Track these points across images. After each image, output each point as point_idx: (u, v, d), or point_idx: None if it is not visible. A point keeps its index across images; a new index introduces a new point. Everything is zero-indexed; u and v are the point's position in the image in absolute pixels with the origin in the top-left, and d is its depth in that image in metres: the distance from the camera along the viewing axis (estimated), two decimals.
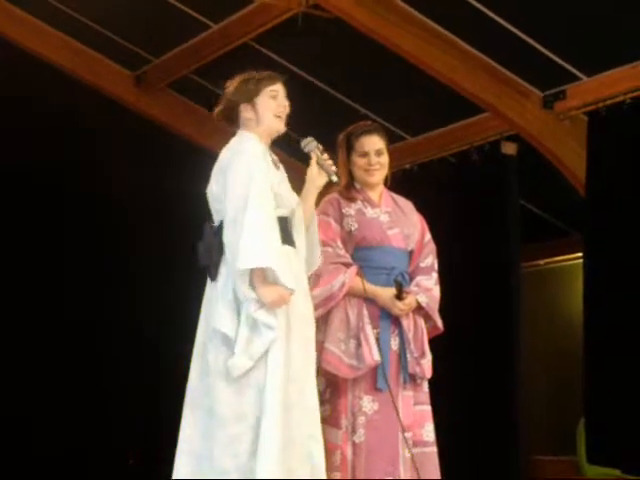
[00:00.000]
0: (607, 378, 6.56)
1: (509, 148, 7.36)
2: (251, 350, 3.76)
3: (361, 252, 4.51)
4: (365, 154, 4.58)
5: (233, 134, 4.10)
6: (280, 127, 4.05)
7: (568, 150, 7.04)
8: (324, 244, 4.39)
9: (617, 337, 6.51)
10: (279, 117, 4.03)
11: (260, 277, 3.79)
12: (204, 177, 4.13)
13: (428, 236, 4.70)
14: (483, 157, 7.49)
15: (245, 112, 4.02)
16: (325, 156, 4.11)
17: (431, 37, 6.61)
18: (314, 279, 4.34)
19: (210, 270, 3.95)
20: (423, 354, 4.52)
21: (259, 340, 3.77)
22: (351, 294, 4.44)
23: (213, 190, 3.99)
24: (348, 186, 4.60)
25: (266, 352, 3.78)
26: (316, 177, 4.07)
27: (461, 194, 7.62)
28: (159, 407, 7.51)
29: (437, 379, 4.69)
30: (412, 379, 4.49)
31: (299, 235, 4.04)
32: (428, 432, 4.51)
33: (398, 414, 4.35)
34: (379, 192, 4.65)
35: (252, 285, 3.80)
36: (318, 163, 4.08)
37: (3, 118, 7.57)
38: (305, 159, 4.23)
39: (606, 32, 6.16)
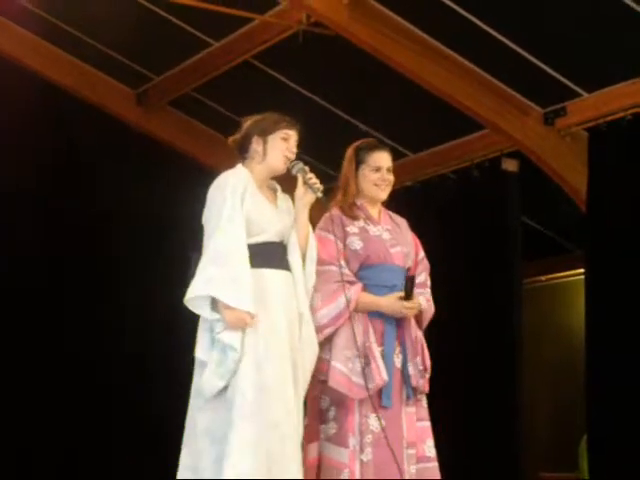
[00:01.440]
0: (610, 395, 6.55)
1: (510, 164, 7.37)
2: (221, 370, 4.05)
3: (364, 270, 4.49)
4: (378, 169, 4.57)
5: (233, 152, 4.35)
6: (282, 167, 4.32)
7: (569, 166, 7.05)
8: (328, 263, 4.40)
9: (619, 353, 6.50)
10: (285, 158, 4.29)
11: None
12: (206, 195, 4.26)
13: (422, 253, 4.70)
14: (484, 174, 7.50)
15: (256, 144, 4.30)
16: (310, 175, 4.31)
17: (432, 54, 6.64)
18: (317, 298, 4.36)
19: None
20: (425, 369, 4.52)
21: (226, 361, 4.04)
22: (356, 310, 4.43)
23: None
24: (350, 204, 4.59)
25: (236, 372, 4.03)
26: (302, 196, 4.32)
27: (462, 211, 7.62)
28: (159, 408, 7.52)
29: (439, 395, 4.68)
30: (413, 394, 4.47)
31: (295, 258, 4.29)
32: (429, 447, 4.50)
33: (387, 437, 4.33)
34: (378, 209, 4.64)
35: (217, 307, 4.07)
36: (305, 183, 4.31)
37: (5, 137, 7.58)
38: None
39: (606, 49, 6.18)
